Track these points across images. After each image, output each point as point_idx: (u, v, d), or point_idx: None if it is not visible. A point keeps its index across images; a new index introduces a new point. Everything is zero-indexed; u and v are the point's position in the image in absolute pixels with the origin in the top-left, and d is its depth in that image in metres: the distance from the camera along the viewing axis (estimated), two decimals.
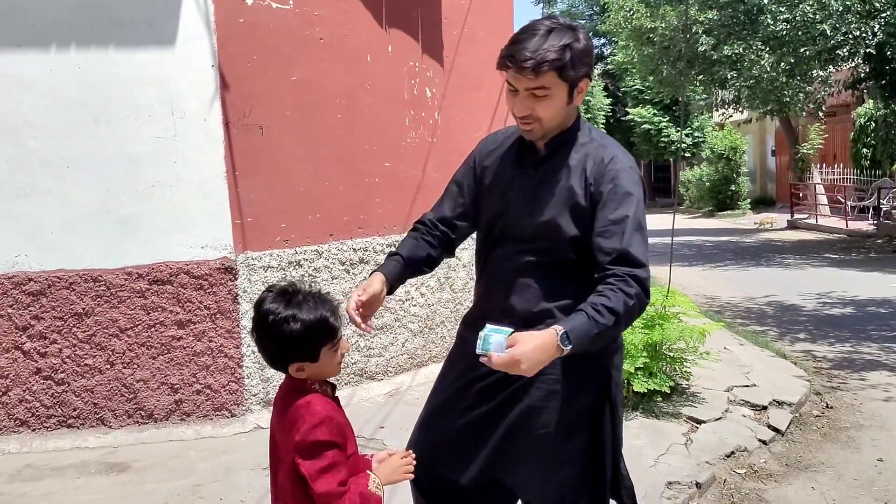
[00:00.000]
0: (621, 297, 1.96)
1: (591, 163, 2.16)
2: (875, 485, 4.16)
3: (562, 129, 2.22)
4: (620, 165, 2.15)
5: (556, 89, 2.09)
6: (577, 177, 2.16)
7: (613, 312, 1.94)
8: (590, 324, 1.93)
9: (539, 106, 2.10)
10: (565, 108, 2.15)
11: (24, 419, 4.75)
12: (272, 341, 1.95)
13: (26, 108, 4.58)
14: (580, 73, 2.12)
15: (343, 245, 5.36)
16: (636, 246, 2.04)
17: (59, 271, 4.70)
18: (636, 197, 2.11)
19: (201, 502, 3.89)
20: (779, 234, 19.24)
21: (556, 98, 2.10)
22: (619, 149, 2.23)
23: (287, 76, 5.01)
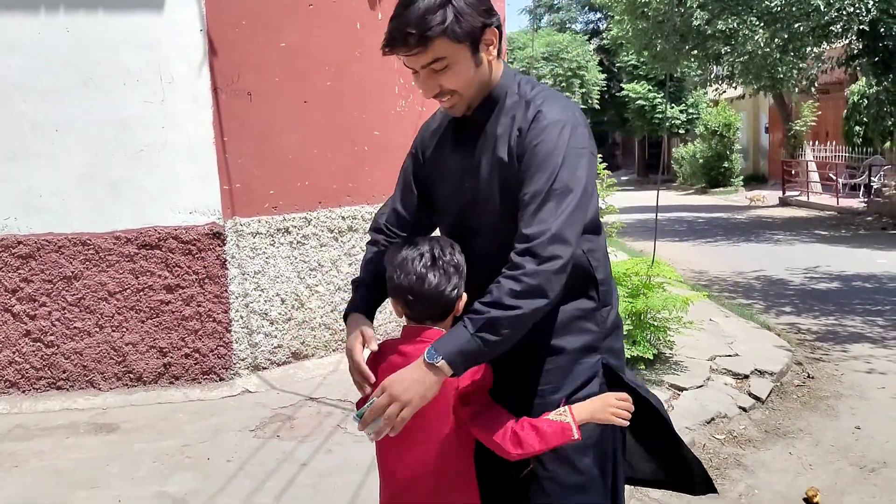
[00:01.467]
0: (504, 286, 1.68)
1: (515, 125, 1.84)
2: (851, 451, 4.24)
3: (486, 92, 1.88)
4: (546, 121, 1.79)
5: (454, 55, 1.76)
6: (505, 146, 1.85)
7: (493, 304, 1.67)
8: (460, 330, 1.68)
9: (444, 79, 1.79)
10: (477, 69, 1.81)
11: (13, 381, 4.80)
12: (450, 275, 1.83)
13: (15, 71, 4.58)
14: (475, 24, 1.75)
15: (332, 213, 5.39)
16: (542, 222, 1.72)
17: (48, 235, 4.73)
18: (556, 154, 1.76)
19: (189, 462, 3.95)
20: (770, 210, 19.30)
21: (459, 64, 1.78)
22: (549, 100, 1.85)
23: (276, 42, 5.02)
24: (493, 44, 1.82)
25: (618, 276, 5.23)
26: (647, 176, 36.80)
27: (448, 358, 1.65)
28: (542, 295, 1.69)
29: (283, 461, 3.89)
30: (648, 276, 5.27)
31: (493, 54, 1.84)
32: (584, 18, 42.42)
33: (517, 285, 1.66)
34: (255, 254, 5.03)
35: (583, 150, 1.80)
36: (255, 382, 5.03)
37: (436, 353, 1.65)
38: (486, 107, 1.89)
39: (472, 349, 1.66)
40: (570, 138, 1.78)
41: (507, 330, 1.67)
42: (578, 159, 1.78)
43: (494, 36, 1.82)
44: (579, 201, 1.75)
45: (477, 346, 1.66)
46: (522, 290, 1.66)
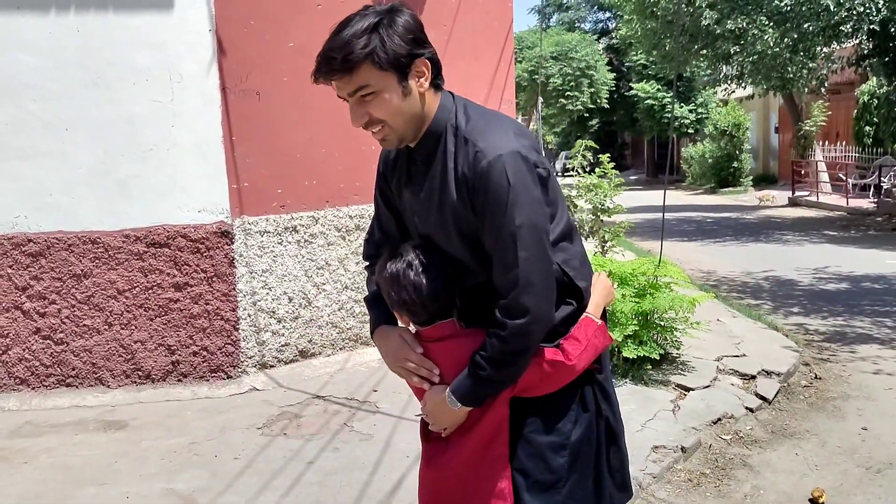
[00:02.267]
0: (497, 347, 1.78)
1: (460, 167, 1.80)
2: (858, 452, 4.23)
3: (424, 126, 1.85)
4: (485, 164, 1.75)
5: (379, 82, 1.74)
6: (453, 189, 1.82)
7: (491, 362, 1.79)
8: (472, 380, 1.83)
9: (372, 108, 1.77)
10: (405, 102, 1.78)
11: (23, 378, 4.84)
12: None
13: (26, 70, 4.62)
14: (401, 52, 1.73)
15: (339, 212, 5.41)
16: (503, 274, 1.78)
17: (57, 233, 4.76)
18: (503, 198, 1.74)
19: (197, 459, 3.98)
20: (779, 210, 19.23)
21: (385, 92, 1.75)
22: (486, 134, 1.80)
23: (284, 42, 5.04)
24: (425, 75, 1.78)
25: (624, 276, 5.24)
26: (656, 176, 36.72)
27: (465, 403, 1.86)
28: (526, 350, 1.81)
29: (290, 459, 3.91)
30: (655, 277, 5.27)
31: (423, 86, 1.79)
32: (594, 18, 42.37)
33: (505, 345, 1.79)
34: (263, 252, 5.05)
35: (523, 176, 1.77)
36: (263, 380, 5.05)
37: (455, 400, 1.85)
38: (427, 143, 1.86)
39: (482, 394, 1.86)
40: (509, 171, 1.75)
41: (506, 378, 1.85)
42: (525, 194, 1.76)
43: (426, 67, 1.78)
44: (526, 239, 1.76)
45: (486, 392, 1.86)
46: (511, 348, 1.79)
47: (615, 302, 4.90)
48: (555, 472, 1.93)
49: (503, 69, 6.37)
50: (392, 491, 3.47)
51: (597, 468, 2.02)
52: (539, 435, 1.94)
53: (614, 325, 4.90)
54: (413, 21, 1.77)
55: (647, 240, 13.61)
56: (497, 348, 1.79)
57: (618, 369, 5.02)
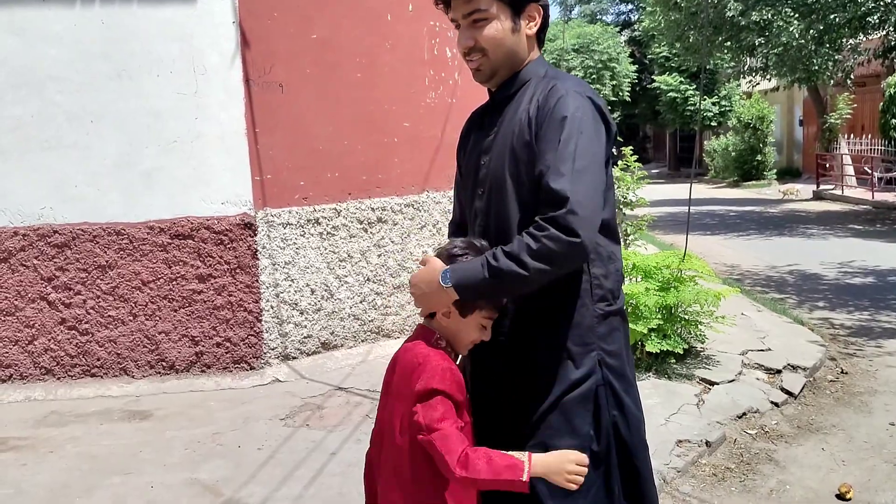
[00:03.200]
0: (524, 242, 1.70)
1: (535, 100, 1.86)
2: (885, 447, 4.18)
3: (516, 66, 1.94)
4: (562, 93, 1.81)
5: (494, 11, 1.85)
6: (519, 118, 1.88)
7: (511, 257, 1.71)
8: (479, 266, 1.74)
9: (479, 34, 1.87)
10: (511, 36, 1.88)
11: (49, 368, 4.89)
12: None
13: (51, 62, 4.65)
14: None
15: (361, 204, 5.41)
16: (560, 180, 1.72)
17: (83, 224, 4.80)
18: (573, 122, 1.76)
19: (220, 449, 4.00)
20: (804, 204, 19.02)
21: (496, 23, 1.86)
22: (570, 79, 1.90)
23: (307, 34, 5.03)
24: (535, 20, 1.91)
25: (648, 270, 5.20)
26: (678, 169, 36.42)
27: (457, 285, 1.75)
28: (552, 262, 1.71)
29: (313, 450, 3.92)
30: (680, 270, 5.22)
31: (532, 30, 1.92)
32: (616, 10, 42.13)
33: (535, 245, 1.69)
34: (286, 244, 5.06)
35: (597, 124, 1.81)
36: (285, 372, 5.07)
37: (448, 278, 1.75)
38: (511, 85, 1.94)
39: (480, 287, 1.75)
40: (584, 109, 1.79)
41: (515, 284, 1.74)
42: (595, 128, 1.80)
43: (538, 13, 1.91)
44: (591, 167, 1.76)
45: (485, 287, 1.75)
46: (539, 250, 1.69)
47: (639, 295, 4.87)
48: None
49: None
50: None
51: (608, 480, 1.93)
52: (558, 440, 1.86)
53: (638, 319, 4.87)
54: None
55: (670, 233, 13.51)
56: (522, 244, 1.70)
57: (641, 363, 4.99)
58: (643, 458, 2.00)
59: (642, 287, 4.98)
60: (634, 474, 1.97)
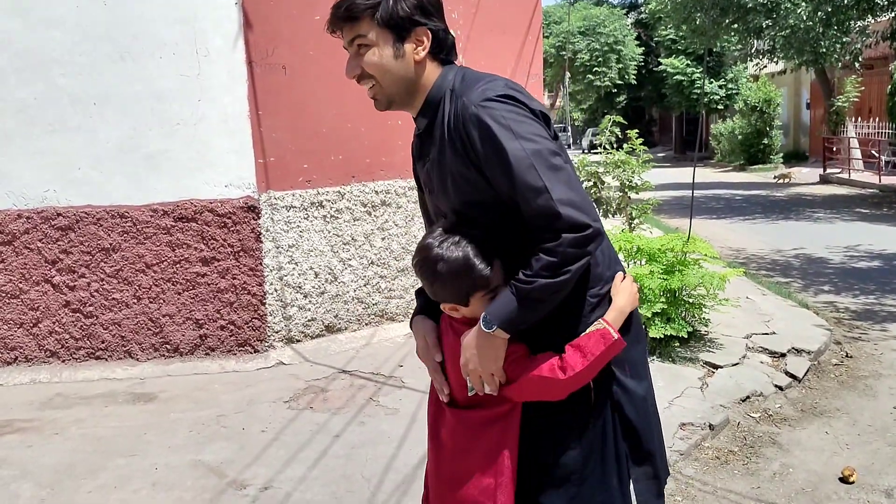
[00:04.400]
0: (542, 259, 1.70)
1: (452, 122, 1.81)
2: (889, 431, 4.18)
3: (422, 94, 1.90)
4: (470, 110, 1.75)
5: (375, 38, 1.81)
6: (450, 144, 1.83)
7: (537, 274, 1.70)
8: (510, 297, 1.74)
9: (364, 62, 1.84)
10: (395, 62, 1.83)
11: (54, 350, 4.90)
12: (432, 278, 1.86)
13: (55, 45, 4.63)
14: (402, 17, 1.80)
15: (365, 187, 5.40)
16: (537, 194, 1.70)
17: (86, 207, 4.80)
18: (503, 135, 1.72)
19: (224, 431, 4.01)
20: (810, 188, 18.95)
21: (378, 49, 1.81)
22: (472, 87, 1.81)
23: (310, 15, 5.00)
24: (423, 44, 1.84)
25: (653, 253, 5.18)
26: (684, 153, 36.33)
27: (502, 325, 1.74)
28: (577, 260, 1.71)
29: (317, 432, 3.93)
30: (684, 253, 5.21)
31: (419, 54, 1.85)
32: None
33: (554, 258, 1.69)
34: (289, 227, 5.06)
35: (519, 114, 1.75)
36: (289, 355, 5.08)
37: (490, 322, 1.74)
38: (426, 112, 1.91)
39: (521, 312, 1.73)
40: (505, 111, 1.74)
41: (548, 298, 1.73)
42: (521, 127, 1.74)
43: (426, 37, 1.84)
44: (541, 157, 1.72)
45: (525, 309, 1.73)
46: (560, 261, 1.69)
47: (643, 278, 4.85)
48: (566, 466, 1.87)
49: (531, 42, 6.30)
50: (418, 464, 3.47)
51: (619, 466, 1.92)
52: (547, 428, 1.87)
53: (642, 302, 4.86)
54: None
55: (675, 217, 13.49)
56: (546, 262, 1.69)
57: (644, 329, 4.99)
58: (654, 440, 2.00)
59: (646, 270, 4.96)
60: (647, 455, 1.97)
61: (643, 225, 7.76)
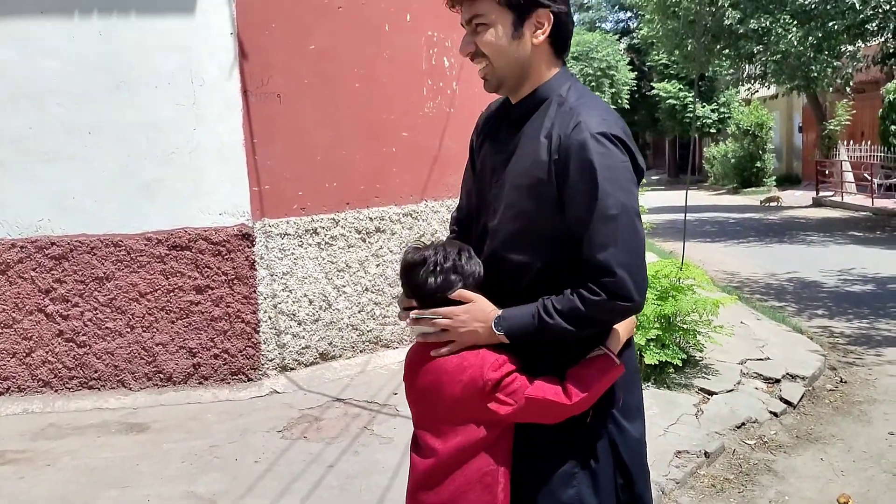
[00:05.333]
0: (576, 303, 1.70)
1: (556, 131, 1.77)
2: (885, 457, 4.18)
3: (530, 83, 1.85)
4: (586, 134, 1.71)
5: (495, 17, 1.78)
6: (543, 152, 1.78)
7: (562, 315, 1.71)
8: (531, 318, 1.75)
9: (480, 40, 1.80)
10: (512, 44, 1.79)
11: (46, 380, 4.88)
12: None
13: (50, 74, 4.66)
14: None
15: (360, 213, 5.41)
16: (605, 247, 1.68)
17: (80, 236, 4.80)
18: (603, 175, 1.69)
19: (217, 462, 3.99)
20: (803, 211, 19.05)
21: (497, 28, 1.78)
22: (593, 110, 1.78)
23: (306, 45, 5.05)
24: (543, 28, 1.79)
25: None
26: (677, 176, 36.50)
27: (508, 333, 1.77)
28: (599, 325, 1.77)
29: (311, 462, 3.92)
30: (678, 279, 5.22)
31: (538, 38, 1.80)
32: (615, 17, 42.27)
33: (585, 309, 1.69)
34: (284, 255, 5.06)
35: (626, 167, 1.74)
36: (283, 383, 5.06)
37: (500, 326, 1.76)
38: (529, 102, 1.86)
39: (529, 334, 1.76)
40: (611, 155, 1.71)
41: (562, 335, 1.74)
42: (622, 175, 1.72)
43: (547, 20, 1.79)
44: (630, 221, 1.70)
45: (534, 334, 1.75)
46: (588, 315, 1.70)
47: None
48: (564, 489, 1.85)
49: None
50: None
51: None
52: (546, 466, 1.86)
53: (636, 329, 4.86)
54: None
55: (669, 241, 13.52)
56: (576, 309, 1.70)
57: (640, 373, 4.98)
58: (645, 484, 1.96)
59: None
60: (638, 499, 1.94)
61: None
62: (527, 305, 1.76)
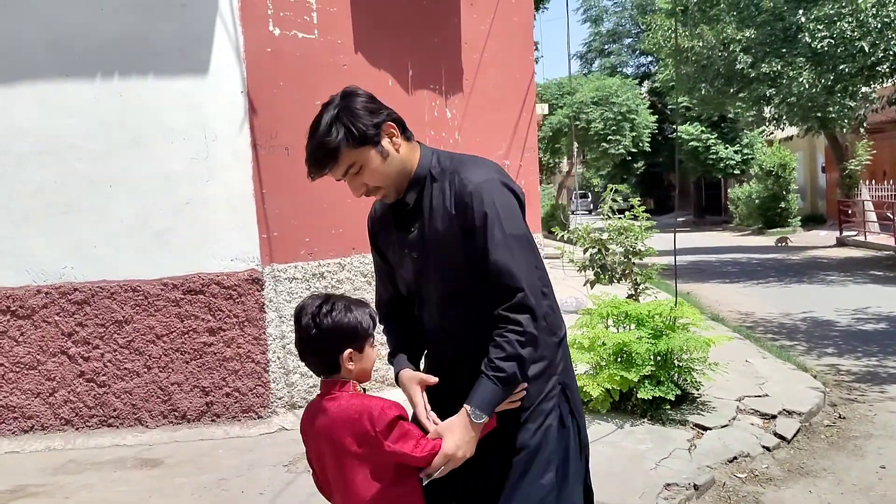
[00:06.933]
0: (514, 340, 1.99)
1: (447, 196, 2.09)
2: (873, 490, 4.25)
3: (410, 174, 2.15)
4: (471, 188, 2.05)
5: (362, 157, 2.04)
6: (441, 216, 2.10)
7: (512, 358, 1.99)
8: (493, 387, 1.98)
9: (366, 178, 2.07)
10: (388, 162, 2.08)
11: (68, 418, 5.14)
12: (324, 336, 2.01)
13: (72, 132, 5.00)
14: (366, 129, 2.04)
15: (365, 258, 5.66)
16: (510, 273, 2.00)
17: (101, 282, 5.09)
18: (497, 213, 2.03)
19: (225, 494, 4.20)
20: (826, 251, 18.98)
21: (371, 163, 2.05)
22: (470, 167, 2.12)
23: (312, 100, 5.32)
24: (394, 134, 2.10)
25: (641, 318, 5.35)
26: (703, 217, 36.47)
27: (489, 413, 2.00)
28: (536, 343, 2.04)
29: (313, 494, 4.06)
30: (673, 318, 5.37)
31: (398, 143, 2.10)
32: (636, 62, 42.64)
33: (523, 337, 1.99)
34: (292, 298, 5.31)
35: (511, 200, 2.09)
36: (291, 420, 5.27)
37: (481, 413, 1.98)
38: (415, 187, 2.15)
39: (501, 399, 2.02)
40: (495, 193, 2.05)
41: (522, 375, 2.03)
42: (513, 209, 2.07)
43: (393, 128, 2.09)
44: (521, 244, 2.05)
45: (504, 395, 2.02)
46: (527, 339, 2.00)
47: (631, 343, 5.03)
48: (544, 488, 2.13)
49: (525, 119, 6.61)
50: None
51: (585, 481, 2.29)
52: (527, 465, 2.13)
53: (630, 366, 5.02)
54: (365, 97, 2.10)
55: (689, 282, 13.59)
56: (515, 340, 1.98)
57: (636, 409, 5.12)
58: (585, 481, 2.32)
59: (634, 335, 5.13)
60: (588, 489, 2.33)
61: (649, 290, 7.90)
62: (479, 381, 2.00)
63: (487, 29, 6.40)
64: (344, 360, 2.02)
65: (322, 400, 2.04)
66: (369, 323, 2.05)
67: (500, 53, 6.50)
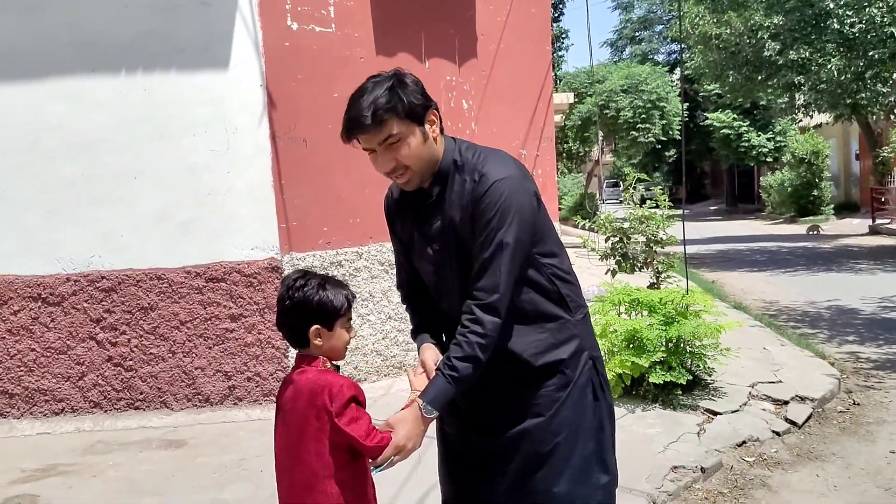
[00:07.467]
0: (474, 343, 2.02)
1: (467, 188, 2.12)
2: (881, 474, 4.28)
3: (436, 165, 2.17)
4: (486, 183, 2.07)
5: (405, 131, 2.06)
6: (459, 208, 2.13)
7: (469, 360, 2.02)
8: (447, 386, 2.02)
9: (399, 154, 2.08)
10: (424, 146, 2.11)
11: (97, 401, 5.36)
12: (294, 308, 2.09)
13: (99, 126, 5.19)
14: (417, 106, 2.07)
15: (382, 247, 5.79)
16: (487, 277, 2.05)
17: (127, 270, 5.29)
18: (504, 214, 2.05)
19: (244, 473, 4.37)
20: (858, 239, 18.75)
21: (410, 140, 2.07)
22: (492, 162, 2.14)
23: (329, 93, 5.48)
24: (435, 122, 2.15)
25: (653, 305, 5.42)
26: (735, 205, 36.11)
27: (440, 409, 2.05)
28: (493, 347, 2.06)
29: None
30: (685, 305, 5.43)
31: (436, 132, 2.15)
32: (667, 49, 42.22)
33: (483, 340, 2.02)
34: None
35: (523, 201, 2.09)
36: None
37: (432, 408, 2.02)
38: (439, 180, 2.18)
39: (452, 396, 2.06)
40: (510, 193, 2.07)
41: (475, 376, 2.05)
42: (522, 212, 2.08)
43: (435, 116, 2.14)
44: (513, 254, 2.06)
45: (455, 393, 2.05)
46: (487, 343, 2.03)
47: (643, 329, 5.10)
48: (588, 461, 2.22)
49: (542, 109, 6.68)
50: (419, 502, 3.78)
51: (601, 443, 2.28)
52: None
53: (642, 352, 5.10)
54: (416, 79, 2.15)
55: (717, 270, 13.57)
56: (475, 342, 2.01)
57: (648, 394, 5.20)
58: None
59: (645, 322, 5.21)
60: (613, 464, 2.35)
61: (671, 277, 7.93)
62: (435, 377, 2.05)
63: (504, 21, 6.48)
64: (311, 336, 2.09)
65: (293, 373, 2.14)
66: (342, 303, 2.11)
67: (516, 45, 6.56)
